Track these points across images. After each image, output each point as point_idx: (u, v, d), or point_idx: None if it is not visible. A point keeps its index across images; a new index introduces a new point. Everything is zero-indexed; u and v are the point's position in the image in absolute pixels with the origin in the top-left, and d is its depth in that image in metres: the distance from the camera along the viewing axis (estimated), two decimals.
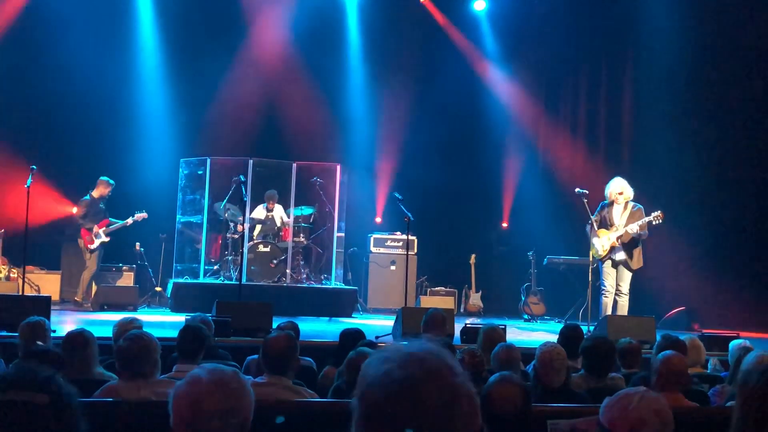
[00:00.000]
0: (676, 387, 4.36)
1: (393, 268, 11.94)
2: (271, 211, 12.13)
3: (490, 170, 13.55)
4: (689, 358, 5.52)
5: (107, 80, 12.48)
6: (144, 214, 11.17)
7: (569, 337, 5.95)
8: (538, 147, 13.52)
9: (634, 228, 9.47)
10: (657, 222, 9.32)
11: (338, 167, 12.73)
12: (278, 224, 12.15)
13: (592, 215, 9.68)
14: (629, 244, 9.60)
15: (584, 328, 7.38)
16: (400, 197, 11.10)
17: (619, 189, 9.66)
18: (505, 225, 13.69)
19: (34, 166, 9.64)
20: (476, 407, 1.57)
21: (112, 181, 11.17)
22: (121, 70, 12.95)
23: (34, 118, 12.48)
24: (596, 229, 9.62)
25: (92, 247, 10.97)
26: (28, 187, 9.28)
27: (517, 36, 13.93)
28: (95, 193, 11.13)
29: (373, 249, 12.22)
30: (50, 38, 12.02)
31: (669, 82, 12.17)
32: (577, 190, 10.07)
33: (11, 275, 11.12)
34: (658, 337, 6.35)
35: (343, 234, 12.67)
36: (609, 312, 9.42)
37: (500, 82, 13.92)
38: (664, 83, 12.23)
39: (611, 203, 9.68)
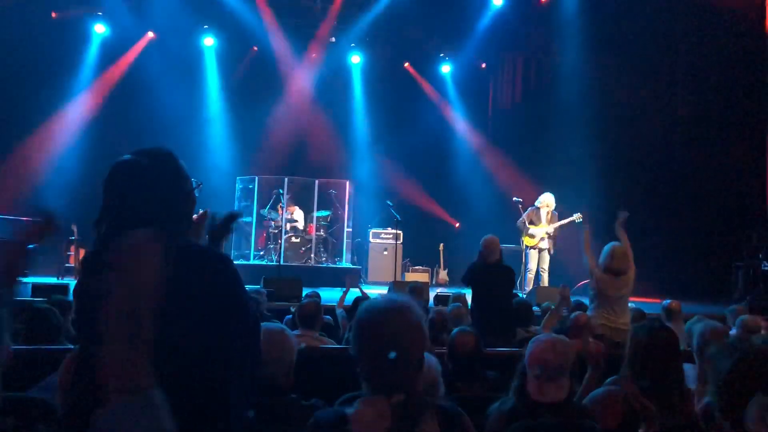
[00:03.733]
0: (580, 335, 4.51)
1: (386, 253, 12.01)
2: (292, 213, 12.17)
3: (454, 184, 13.56)
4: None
5: (183, 119, 12.46)
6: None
7: (522, 308, 5.90)
8: (485, 167, 13.45)
9: (558, 228, 9.63)
10: (578, 220, 9.32)
11: (347, 183, 12.81)
12: (303, 223, 12.24)
13: (523, 214, 9.78)
14: (552, 237, 9.73)
15: (520, 294, 7.46)
16: (391, 204, 11.22)
17: (548, 201, 9.79)
18: (457, 225, 13.66)
19: None
20: (426, 334, 1.79)
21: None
22: (194, 111, 12.98)
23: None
24: (527, 225, 9.72)
25: None
26: None
27: (471, 88, 13.94)
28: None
29: (371, 240, 12.29)
30: (144, 91, 12.05)
31: (580, 123, 12.16)
32: (514, 198, 10.17)
33: None
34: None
35: (350, 229, 12.73)
36: (531, 285, 9.49)
37: (458, 121, 13.98)
38: (576, 123, 12.22)
39: (539, 209, 9.79)
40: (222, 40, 13.10)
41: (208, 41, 13.05)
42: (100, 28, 12.42)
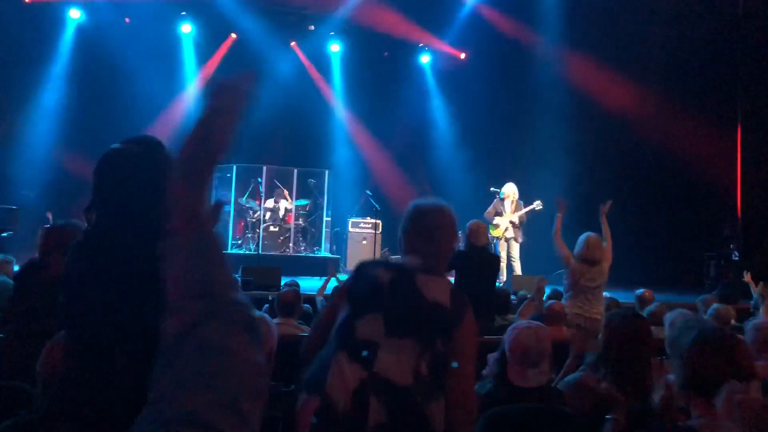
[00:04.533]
0: (557, 323, 4.59)
1: (364, 242, 12.00)
2: (278, 203, 12.18)
3: (434, 174, 13.51)
4: None
5: (160, 107, 12.30)
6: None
7: (501, 296, 6.02)
8: (464, 156, 13.46)
9: (522, 216, 9.77)
10: (539, 208, 9.55)
11: (327, 172, 12.81)
12: (282, 212, 12.21)
13: (490, 206, 9.92)
14: (517, 226, 9.87)
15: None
16: (370, 193, 11.24)
17: (510, 191, 9.93)
18: None
19: None
20: (457, 232, 2.40)
21: None
22: (171, 99, 12.79)
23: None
24: (493, 216, 9.86)
25: None
26: None
27: (450, 79, 13.95)
28: None
29: (350, 229, 12.26)
30: (120, 78, 11.88)
31: (556, 114, 12.26)
32: (491, 188, 10.26)
33: None
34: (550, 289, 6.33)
35: (329, 218, 12.74)
36: (504, 275, 9.57)
37: (438, 111, 13.99)
38: (552, 114, 12.33)
39: (503, 199, 9.93)
40: (200, 27, 12.97)
41: (186, 28, 12.92)
42: (75, 13, 12.23)
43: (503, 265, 9.70)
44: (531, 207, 9.70)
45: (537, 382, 2.60)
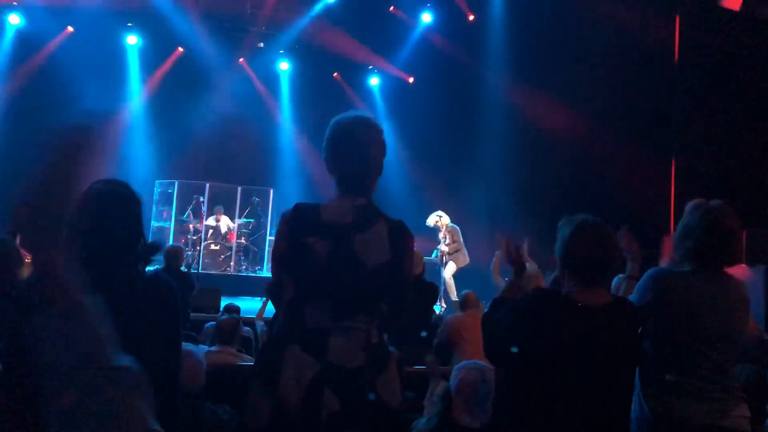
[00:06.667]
0: (472, 308, 5.19)
1: None
2: (219, 221, 12.00)
3: (380, 196, 13.46)
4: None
5: (102, 118, 11.96)
6: None
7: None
8: (411, 180, 13.58)
9: (452, 247, 9.98)
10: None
11: (271, 190, 12.72)
12: (224, 230, 12.04)
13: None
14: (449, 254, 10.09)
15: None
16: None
17: (433, 221, 10.14)
18: None
19: None
20: (385, 146, 2.28)
21: None
22: (114, 111, 12.44)
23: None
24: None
25: None
26: None
27: (398, 101, 14.08)
28: None
29: None
30: (61, 87, 11.52)
31: (500, 140, 12.51)
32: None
33: None
34: None
35: (273, 238, 12.58)
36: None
37: (387, 132, 13.97)
38: (496, 140, 12.57)
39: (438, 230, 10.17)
40: (146, 39, 12.73)
41: (132, 39, 12.67)
42: (14, 19, 11.84)
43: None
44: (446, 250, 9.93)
45: (481, 421, 2.63)
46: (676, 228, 2.88)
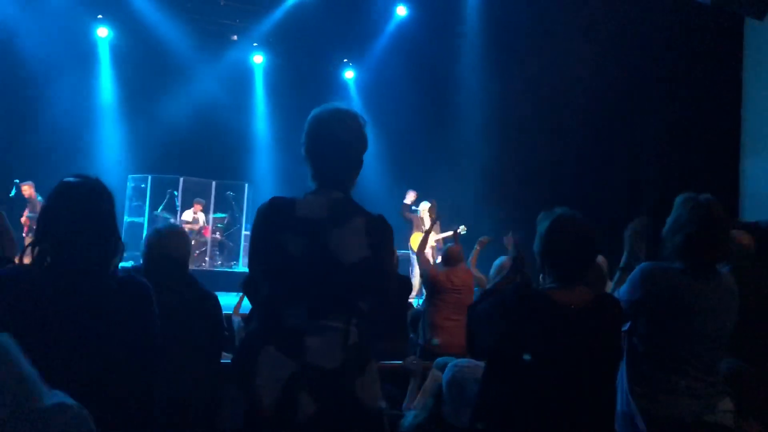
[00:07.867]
0: (455, 263, 5.28)
1: None
2: (197, 214, 11.88)
3: (355, 190, 13.48)
4: None
5: (73, 112, 11.75)
6: None
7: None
8: (386, 174, 13.53)
9: (440, 240, 9.97)
10: (463, 232, 9.63)
11: (246, 185, 12.62)
12: (200, 224, 11.92)
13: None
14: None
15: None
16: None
17: (425, 207, 10.14)
18: None
19: (17, 180, 9.09)
20: (366, 139, 2.21)
21: None
22: (85, 104, 12.27)
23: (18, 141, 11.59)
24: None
25: None
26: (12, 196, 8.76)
27: (374, 95, 14.03)
28: None
29: None
30: (30, 81, 11.29)
31: (476, 134, 12.52)
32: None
33: None
34: None
35: (248, 232, 12.50)
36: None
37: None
38: (472, 134, 12.58)
39: (422, 217, 10.16)
40: (117, 31, 12.51)
41: (102, 32, 12.43)
42: None
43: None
44: (449, 233, 9.79)
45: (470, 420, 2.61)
46: (628, 226, 2.88)
